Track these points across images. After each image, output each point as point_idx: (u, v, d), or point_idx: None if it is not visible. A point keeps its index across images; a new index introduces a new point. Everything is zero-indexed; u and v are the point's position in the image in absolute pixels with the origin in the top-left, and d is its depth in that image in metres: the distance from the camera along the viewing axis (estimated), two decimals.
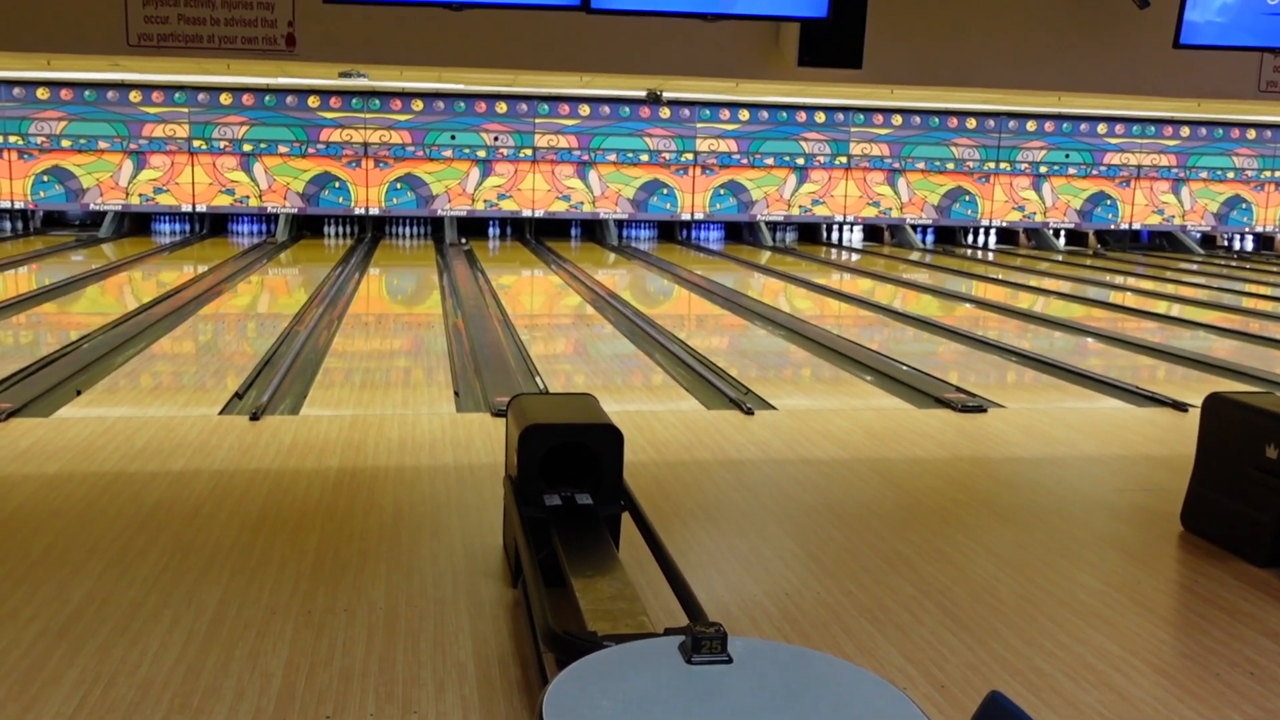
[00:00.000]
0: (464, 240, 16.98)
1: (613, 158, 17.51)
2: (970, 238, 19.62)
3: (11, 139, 15.99)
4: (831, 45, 5.62)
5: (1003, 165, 18.82)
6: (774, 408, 6.69)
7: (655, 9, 4.85)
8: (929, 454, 5.66)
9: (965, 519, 4.66)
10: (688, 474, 5.20)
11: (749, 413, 6.42)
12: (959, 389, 7.24)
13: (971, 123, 18.56)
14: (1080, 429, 6.31)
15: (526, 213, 17.55)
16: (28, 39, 5.74)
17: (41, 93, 15.91)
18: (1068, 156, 19.01)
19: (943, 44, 6.29)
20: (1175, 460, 5.37)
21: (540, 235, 18.10)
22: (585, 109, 17.23)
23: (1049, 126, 18.82)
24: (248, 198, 16.71)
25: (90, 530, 4.33)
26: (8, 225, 16.98)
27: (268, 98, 16.41)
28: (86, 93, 16.02)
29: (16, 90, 15.86)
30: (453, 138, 16.95)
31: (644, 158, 17.61)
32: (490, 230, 18.32)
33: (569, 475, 3.73)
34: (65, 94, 15.99)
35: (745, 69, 6.13)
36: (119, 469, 5.13)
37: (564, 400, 4.19)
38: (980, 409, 6.67)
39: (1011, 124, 18.67)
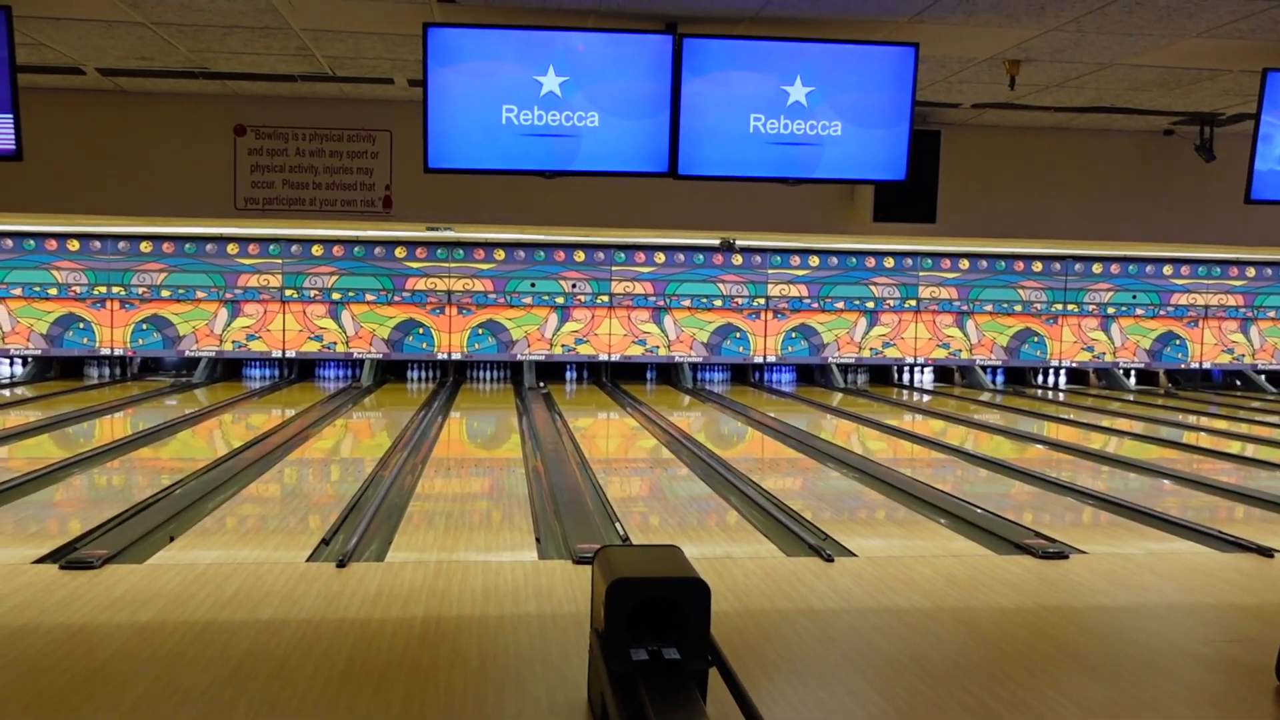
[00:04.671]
0: (542, 384, 17.32)
1: (687, 303, 17.88)
2: (1040, 378, 19.51)
3: (115, 289, 16.86)
4: (906, 202, 5.81)
5: (1070, 307, 18.83)
6: (852, 552, 6.67)
7: (739, 175, 5.09)
8: (1012, 603, 5.59)
9: (1053, 671, 4.58)
10: (770, 624, 5.19)
11: (829, 560, 6.41)
12: (1038, 534, 7.16)
13: (1038, 266, 18.67)
14: (1165, 575, 6.19)
15: (603, 356, 17.89)
16: (147, 207, 6.22)
17: (145, 246, 16.82)
18: (1134, 297, 18.99)
19: (1012, 198, 6.46)
20: (1265, 609, 5.24)
21: (616, 378, 18.40)
22: (660, 257, 17.70)
23: (1115, 269, 18.87)
24: (335, 344, 17.33)
25: (180, 681, 4.44)
26: (106, 371, 17.74)
27: (357, 249, 17.15)
28: (187, 245, 16.90)
29: (121, 244, 16.79)
30: (532, 285, 17.48)
31: (717, 303, 17.95)
32: (567, 374, 18.69)
33: (655, 629, 3.77)
34: (167, 247, 16.88)
35: (823, 224, 6.37)
36: (209, 618, 5.26)
37: (650, 553, 4.26)
38: (1062, 555, 6.58)
39: (1077, 267, 18.76)
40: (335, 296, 17.23)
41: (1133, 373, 19.51)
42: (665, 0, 4.80)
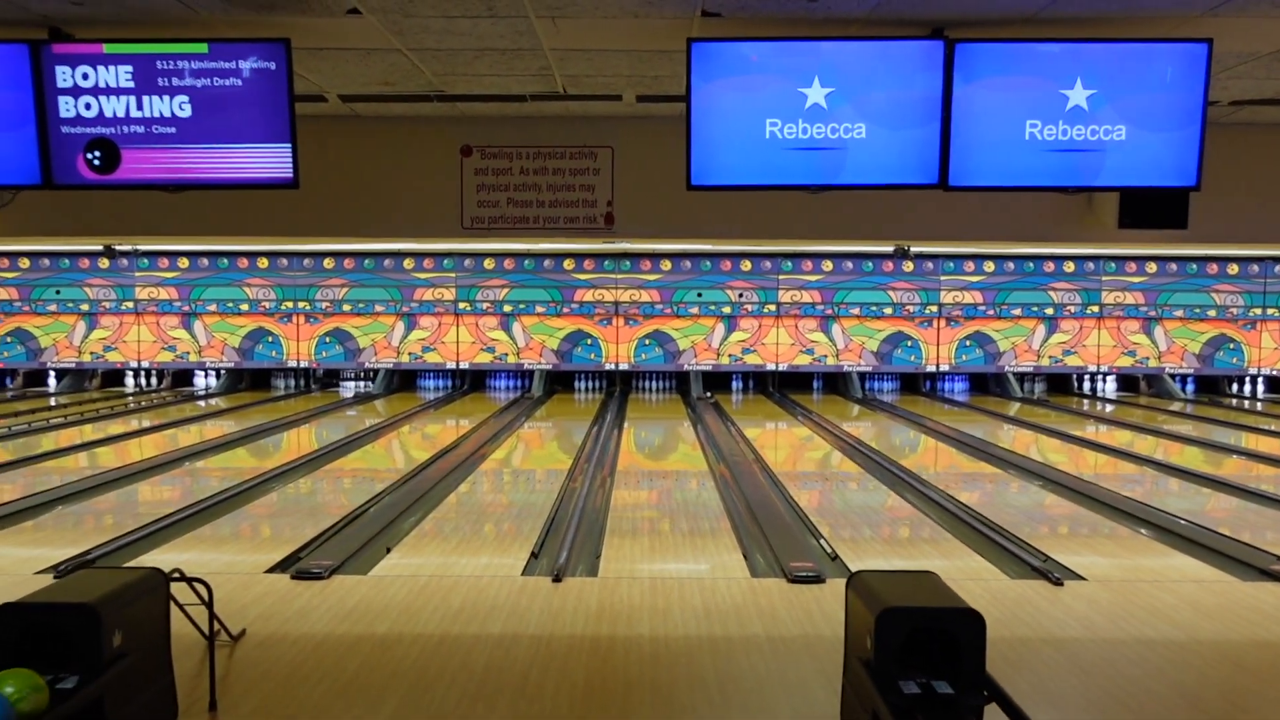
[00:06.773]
0: (709, 394, 17.26)
1: (856, 311, 17.56)
2: (1235, 387, 18.44)
3: (300, 304, 17.54)
4: (1155, 207, 5.50)
5: (1270, 311, 17.71)
6: (1073, 571, 6.36)
7: (1014, 185, 4.88)
8: (1277, 636, 5.21)
9: None
10: (1013, 653, 4.97)
11: (1058, 583, 6.13)
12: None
13: (1233, 268, 17.64)
14: None
15: (770, 366, 17.73)
16: (382, 229, 6.42)
17: (328, 262, 17.46)
18: None
19: (1273, 200, 6.05)
20: None
21: (783, 388, 18.21)
22: (828, 265, 17.43)
23: None
24: (506, 355, 17.64)
25: (430, 695, 4.52)
26: (292, 383, 18.48)
27: (527, 262, 17.42)
28: (366, 261, 17.48)
29: (306, 261, 17.46)
30: (699, 295, 17.45)
31: (887, 310, 17.57)
32: (734, 384, 18.59)
33: (918, 661, 3.63)
34: (348, 263, 17.49)
35: (1064, 233, 6.09)
36: (442, 631, 5.34)
37: (908, 579, 4.10)
38: None
39: (1277, 269, 17.62)
40: (506, 309, 17.54)
41: None
42: (935, 5, 4.62)
